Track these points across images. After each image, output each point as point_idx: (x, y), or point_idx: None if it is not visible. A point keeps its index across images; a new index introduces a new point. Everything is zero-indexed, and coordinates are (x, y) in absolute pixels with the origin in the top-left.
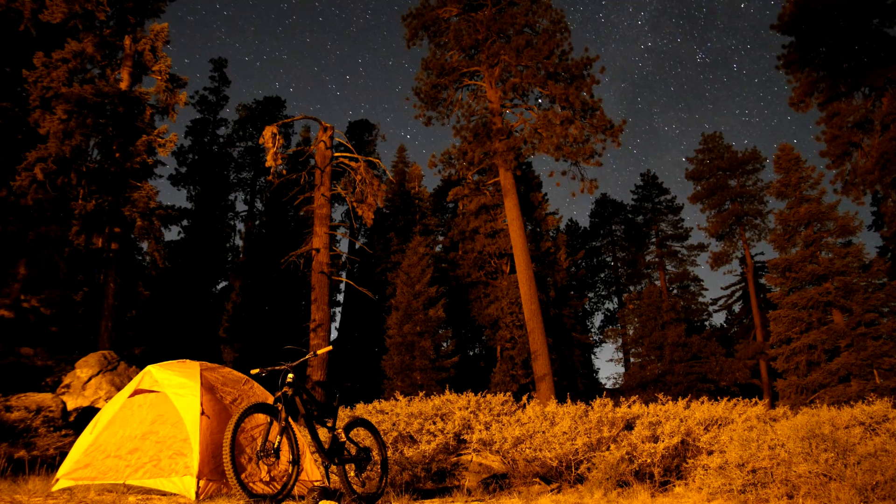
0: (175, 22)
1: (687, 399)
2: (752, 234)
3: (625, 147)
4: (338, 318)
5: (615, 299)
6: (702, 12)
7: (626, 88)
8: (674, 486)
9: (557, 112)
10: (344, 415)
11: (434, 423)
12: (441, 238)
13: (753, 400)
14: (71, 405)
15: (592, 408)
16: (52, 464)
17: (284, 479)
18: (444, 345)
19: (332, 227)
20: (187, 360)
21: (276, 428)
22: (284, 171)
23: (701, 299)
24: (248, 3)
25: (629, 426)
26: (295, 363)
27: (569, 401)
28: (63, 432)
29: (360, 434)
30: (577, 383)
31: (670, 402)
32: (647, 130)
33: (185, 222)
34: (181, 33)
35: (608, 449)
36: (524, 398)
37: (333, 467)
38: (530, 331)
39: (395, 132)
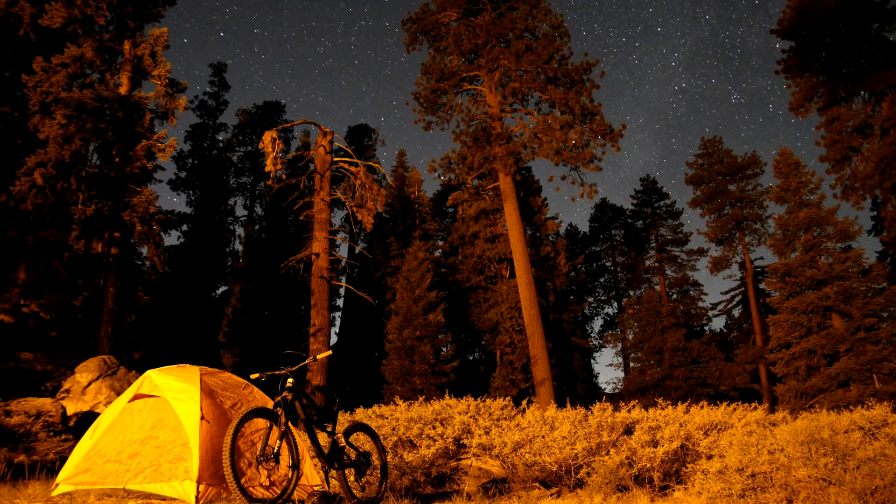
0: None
1: (686, 404)
2: (752, 238)
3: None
4: (338, 322)
5: (615, 304)
6: (736, 53)
7: (660, 129)
8: (673, 490)
9: (557, 117)
10: (344, 419)
11: (434, 427)
12: (441, 243)
13: (753, 404)
14: (71, 410)
15: (592, 412)
16: (51, 468)
17: (284, 483)
18: (444, 349)
19: (332, 232)
20: (187, 365)
21: (275, 432)
22: (284, 176)
23: (700, 304)
24: (248, 8)
25: (629, 431)
26: (295, 368)
27: (568, 405)
28: (63, 437)
29: (360, 439)
30: (576, 388)
31: (670, 406)
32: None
33: (184, 227)
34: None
35: (608, 453)
36: (524, 403)
37: (333, 472)
38: (530, 335)
39: (395, 137)
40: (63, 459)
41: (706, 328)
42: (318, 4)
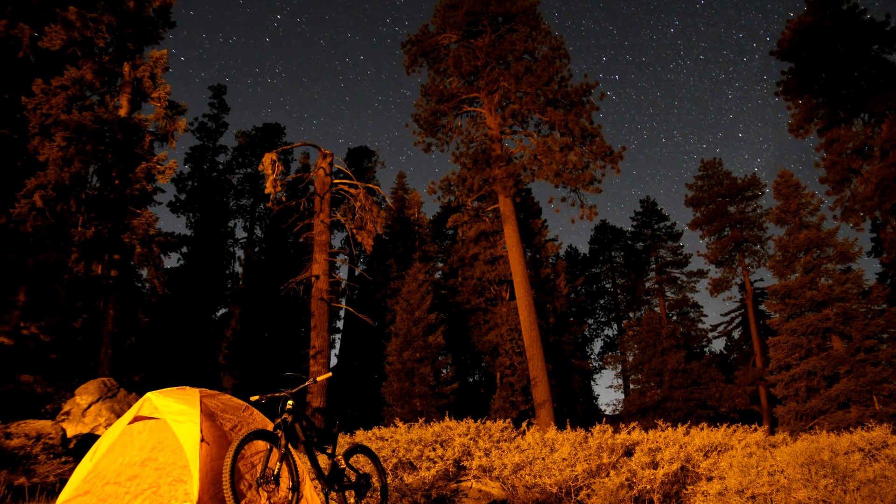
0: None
1: (686, 425)
2: (752, 260)
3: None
4: (337, 344)
5: (615, 325)
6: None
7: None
8: None
9: (557, 138)
10: (344, 441)
11: (434, 449)
12: (440, 264)
13: (753, 426)
14: (71, 432)
15: (592, 434)
16: (51, 490)
17: None
18: (444, 371)
19: (332, 254)
20: (187, 387)
21: (275, 454)
22: (284, 198)
23: (700, 325)
24: (247, 31)
25: (629, 452)
26: (294, 390)
27: (568, 427)
28: (63, 459)
29: (360, 460)
30: (576, 410)
31: (670, 428)
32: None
33: (184, 249)
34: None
35: (608, 475)
36: (524, 425)
37: (333, 494)
38: (530, 357)
39: (394, 159)
40: (63, 481)
41: (706, 350)
42: (318, 27)
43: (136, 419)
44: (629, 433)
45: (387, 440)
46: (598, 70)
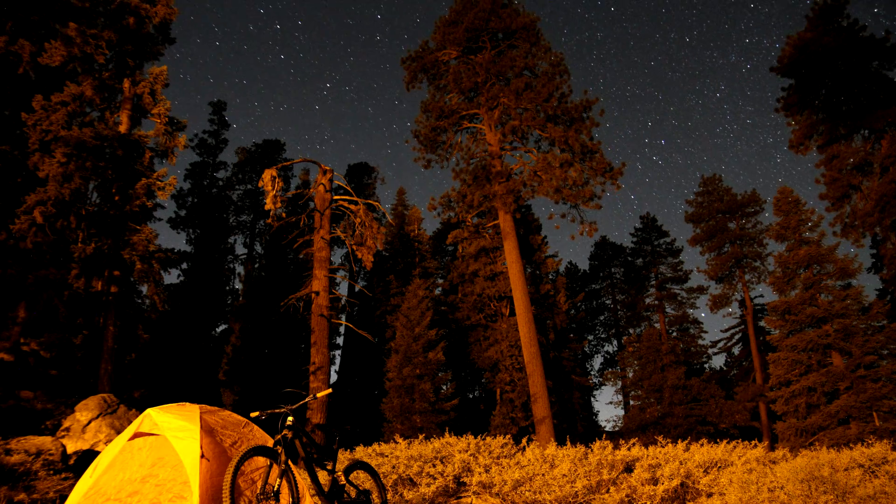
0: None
1: (686, 441)
2: (752, 276)
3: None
4: (337, 360)
5: (615, 342)
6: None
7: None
8: None
9: (557, 155)
10: (344, 458)
11: (434, 465)
12: (440, 281)
13: (753, 442)
14: (71, 448)
15: (592, 450)
16: None
17: None
18: (444, 387)
19: (332, 270)
20: (187, 403)
21: (275, 471)
22: (284, 214)
23: (700, 342)
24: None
25: (629, 469)
26: (294, 406)
27: (568, 443)
28: (63, 475)
29: (360, 477)
30: (576, 426)
31: (670, 444)
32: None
33: (184, 265)
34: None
35: (608, 491)
36: (524, 441)
37: None
38: (530, 373)
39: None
40: (63, 498)
41: (706, 366)
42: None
43: (137, 435)
44: (629, 449)
45: (387, 456)
46: (644, 135)
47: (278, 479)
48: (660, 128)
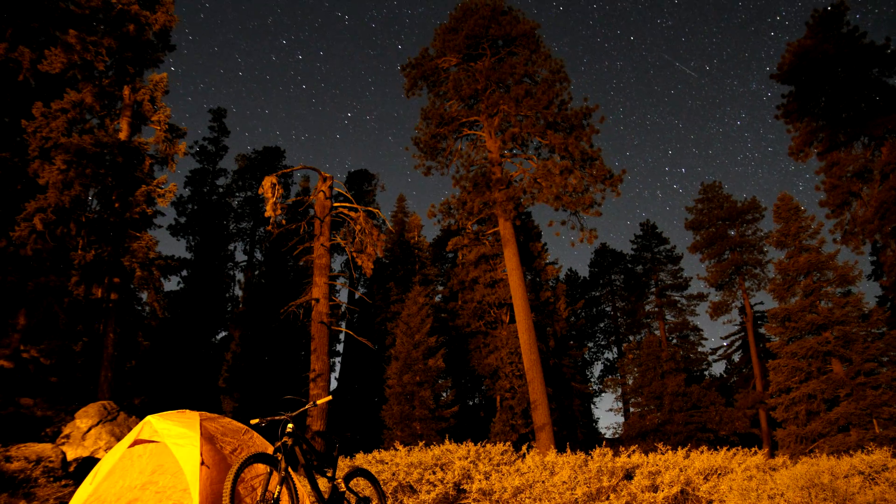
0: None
1: (686, 448)
2: (752, 283)
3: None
4: (337, 367)
5: (615, 349)
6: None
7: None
8: None
9: (557, 162)
10: (344, 465)
11: (434, 472)
12: (440, 288)
13: (753, 449)
14: (71, 455)
15: (592, 457)
16: None
17: None
18: (444, 395)
19: (332, 277)
20: (187, 411)
21: (275, 478)
22: (284, 221)
23: (700, 349)
24: (248, 54)
25: (629, 476)
26: (294, 413)
27: (568, 450)
28: (63, 482)
29: (360, 484)
30: (576, 433)
31: (670, 451)
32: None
33: (184, 272)
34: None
35: (608, 498)
36: (524, 448)
37: None
38: (530, 380)
39: (394, 182)
40: None
41: (706, 373)
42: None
43: (137, 442)
44: (629, 456)
45: (387, 463)
46: (665, 163)
47: (278, 487)
48: (680, 156)
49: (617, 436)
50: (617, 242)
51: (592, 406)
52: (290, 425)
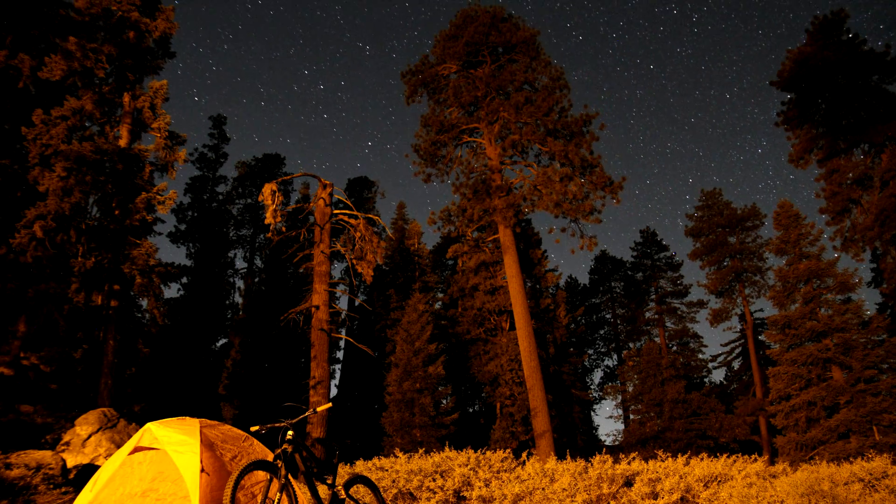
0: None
1: (686, 455)
2: (752, 290)
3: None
4: (337, 375)
5: (615, 356)
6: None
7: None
8: None
9: (557, 169)
10: (344, 472)
11: (434, 479)
12: (441, 295)
13: (753, 456)
14: (71, 462)
15: (592, 464)
16: None
17: None
18: (444, 402)
19: (332, 285)
20: (187, 418)
21: (275, 485)
22: (284, 229)
23: (700, 356)
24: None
25: (629, 483)
26: (294, 420)
27: (568, 457)
28: (63, 490)
29: (360, 491)
30: (576, 440)
31: (670, 458)
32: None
33: (184, 279)
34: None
35: None
36: (524, 455)
37: None
38: (530, 387)
39: (394, 189)
40: None
41: (706, 380)
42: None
43: (137, 450)
44: (629, 463)
45: (387, 470)
46: (685, 191)
47: (278, 494)
48: (700, 184)
49: (617, 443)
50: (617, 249)
51: (592, 413)
52: (290, 432)
